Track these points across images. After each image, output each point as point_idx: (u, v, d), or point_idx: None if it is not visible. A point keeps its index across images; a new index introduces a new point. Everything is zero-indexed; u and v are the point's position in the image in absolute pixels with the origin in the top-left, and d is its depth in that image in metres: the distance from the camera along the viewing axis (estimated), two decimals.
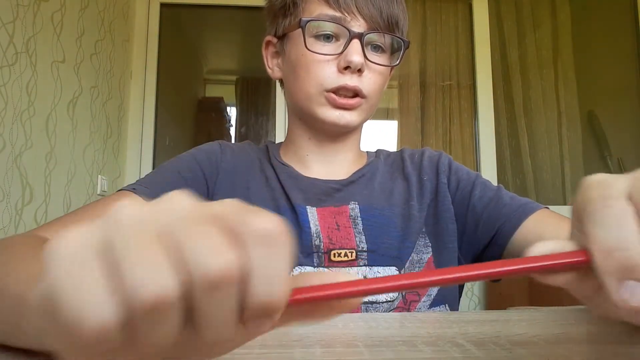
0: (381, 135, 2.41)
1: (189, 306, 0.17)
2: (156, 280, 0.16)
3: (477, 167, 2.32)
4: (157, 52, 2.25)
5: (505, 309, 0.48)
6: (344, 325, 0.39)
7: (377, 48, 0.60)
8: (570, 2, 2.48)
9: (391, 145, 2.38)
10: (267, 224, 0.18)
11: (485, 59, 2.36)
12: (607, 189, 0.21)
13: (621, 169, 2.37)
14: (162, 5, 2.29)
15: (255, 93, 2.72)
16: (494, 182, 0.64)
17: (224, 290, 0.17)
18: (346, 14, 0.57)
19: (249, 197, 0.61)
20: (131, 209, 0.18)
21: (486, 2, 2.40)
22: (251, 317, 0.18)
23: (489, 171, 2.28)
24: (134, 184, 0.56)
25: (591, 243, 0.20)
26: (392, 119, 2.40)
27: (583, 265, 0.21)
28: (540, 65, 2.44)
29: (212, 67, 3.09)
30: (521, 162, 2.38)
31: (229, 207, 0.19)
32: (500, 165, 2.33)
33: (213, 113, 2.92)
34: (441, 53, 2.41)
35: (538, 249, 0.22)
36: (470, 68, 2.39)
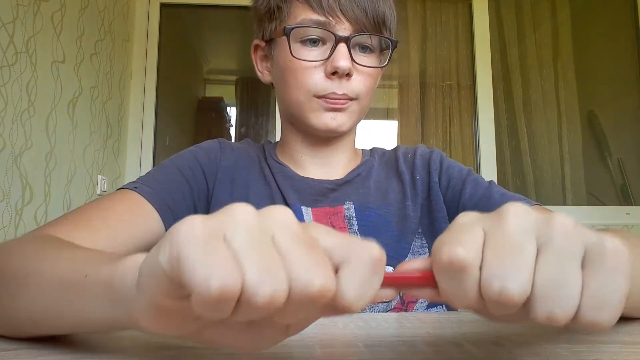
0: (381, 135, 2.41)
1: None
2: (273, 283, 0.18)
3: (477, 167, 2.32)
4: (157, 52, 2.24)
5: None
6: (344, 325, 0.39)
7: (365, 48, 0.59)
8: (570, 2, 2.48)
9: (391, 145, 2.37)
10: (372, 251, 0.21)
11: (485, 59, 2.36)
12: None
13: (621, 169, 2.37)
14: (162, 5, 2.29)
15: (255, 93, 2.71)
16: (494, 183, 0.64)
17: (315, 303, 0.19)
18: (330, 18, 0.55)
19: (248, 195, 0.61)
20: (246, 212, 0.20)
21: (486, 2, 2.40)
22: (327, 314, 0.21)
23: (489, 171, 2.27)
24: (135, 182, 0.56)
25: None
26: (392, 119, 2.39)
27: (431, 286, 0.24)
28: (540, 65, 2.44)
29: (212, 67, 3.09)
30: (521, 162, 2.38)
31: (327, 232, 0.22)
32: (500, 165, 2.33)
33: (213, 113, 2.92)
34: (441, 53, 2.41)
35: (404, 267, 0.25)
36: (470, 68, 2.39)
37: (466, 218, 0.25)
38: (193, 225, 0.19)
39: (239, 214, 0.20)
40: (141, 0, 2.24)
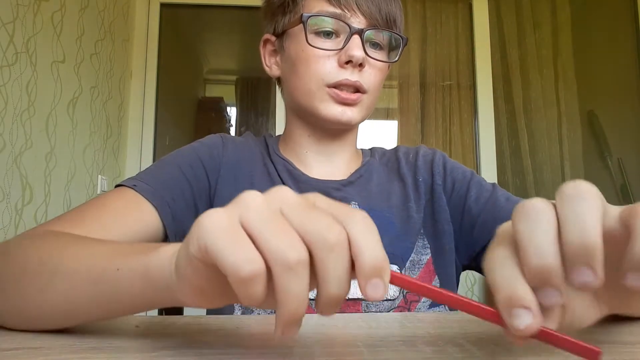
0: (381, 135, 2.41)
1: (313, 268, 0.23)
2: (295, 248, 0.22)
3: (477, 167, 2.32)
4: (157, 52, 2.24)
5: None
6: (344, 325, 0.39)
7: (375, 45, 0.60)
8: (570, 2, 2.48)
9: (391, 145, 2.37)
10: (361, 213, 0.24)
11: (485, 59, 2.36)
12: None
13: (621, 169, 2.37)
14: (162, 5, 2.29)
15: (255, 93, 2.71)
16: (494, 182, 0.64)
17: (338, 251, 0.22)
18: (346, 11, 0.57)
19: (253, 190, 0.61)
20: (253, 197, 0.24)
21: (486, 2, 2.40)
22: (361, 274, 0.23)
23: (489, 171, 2.27)
24: (134, 178, 0.56)
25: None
26: (392, 119, 2.39)
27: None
28: (540, 65, 2.43)
29: (212, 67, 3.09)
30: (521, 162, 2.38)
31: (323, 199, 0.25)
32: (500, 165, 2.33)
33: (213, 113, 2.92)
34: (441, 53, 2.41)
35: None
36: (470, 68, 2.39)
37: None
38: (214, 217, 0.23)
39: (249, 200, 0.24)
40: (141, 0, 2.24)
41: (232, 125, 2.92)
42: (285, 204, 0.24)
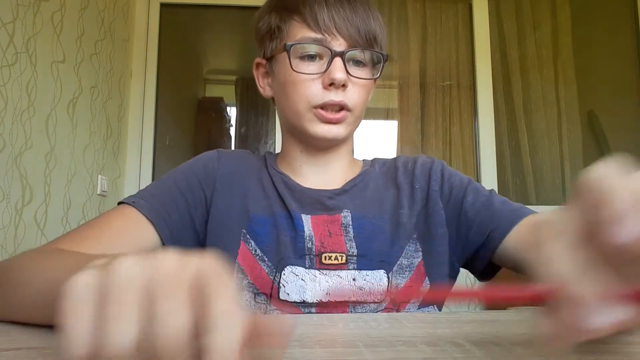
0: (381, 135, 2.41)
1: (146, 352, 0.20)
2: (122, 334, 0.20)
3: (477, 167, 2.32)
4: (157, 52, 2.24)
5: (505, 309, 0.48)
6: (344, 325, 0.39)
7: (358, 63, 0.63)
8: (570, 2, 2.48)
9: (391, 145, 2.38)
10: (230, 301, 0.21)
11: (485, 59, 2.36)
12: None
13: None
14: (162, 5, 2.29)
15: (255, 93, 2.69)
16: (494, 182, 0.65)
17: (175, 347, 0.20)
18: (327, 35, 0.60)
19: (246, 204, 0.64)
20: (128, 266, 0.22)
21: (486, 2, 2.40)
22: None
23: (489, 171, 2.27)
24: (134, 196, 0.60)
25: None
26: (392, 119, 2.39)
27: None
28: (540, 65, 2.44)
29: (212, 67, 3.09)
30: (521, 162, 2.38)
31: (206, 266, 0.22)
32: (500, 165, 2.33)
33: (213, 113, 2.92)
34: (441, 53, 2.41)
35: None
36: (470, 68, 2.39)
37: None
38: (78, 282, 0.22)
39: (118, 269, 0.22)
40: (141, 0, 2.24)
41: (232, 125, 2.91)
42: (156, 277, 0.22)
